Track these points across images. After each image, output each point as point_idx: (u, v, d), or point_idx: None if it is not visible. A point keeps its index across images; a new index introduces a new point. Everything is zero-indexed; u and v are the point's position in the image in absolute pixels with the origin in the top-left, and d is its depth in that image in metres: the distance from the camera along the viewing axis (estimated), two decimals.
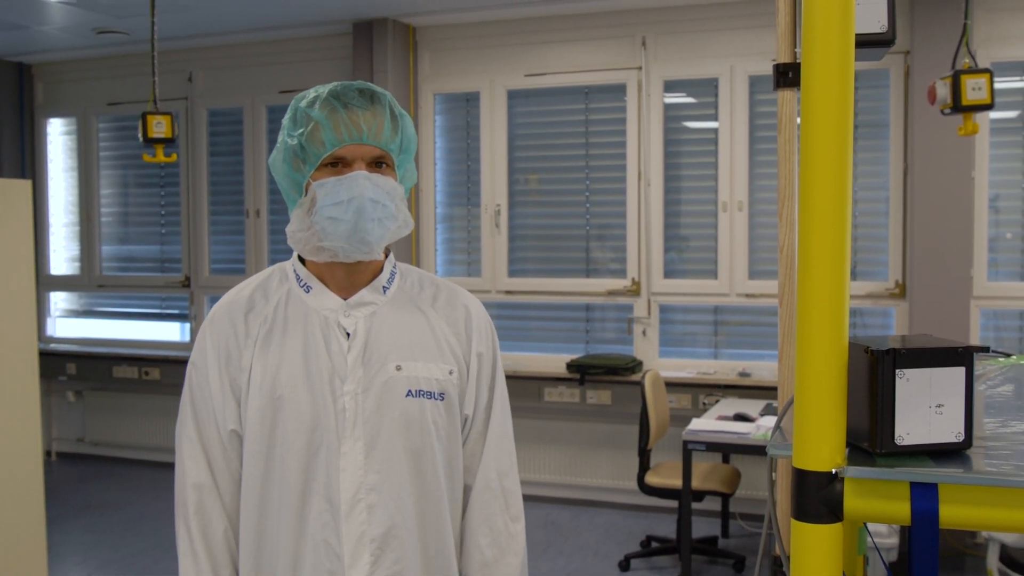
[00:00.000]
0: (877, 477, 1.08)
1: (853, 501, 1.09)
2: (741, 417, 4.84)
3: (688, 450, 4.58)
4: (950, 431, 1.10)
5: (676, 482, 4.74)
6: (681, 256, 5.98)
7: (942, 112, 3.66)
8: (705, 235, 5.88)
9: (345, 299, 1.60)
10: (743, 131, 5.69)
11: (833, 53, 1.06)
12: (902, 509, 1.08)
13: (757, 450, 4.54)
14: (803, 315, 1.09)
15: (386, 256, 1.66)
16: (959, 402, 1.10)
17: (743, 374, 5.67)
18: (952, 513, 1.07)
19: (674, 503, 5.05)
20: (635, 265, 5.95)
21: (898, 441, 1.10)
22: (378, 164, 1.54)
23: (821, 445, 1.09)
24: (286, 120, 1.59)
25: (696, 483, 4.71)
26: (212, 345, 1.60)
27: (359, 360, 1.56)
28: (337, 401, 1.54)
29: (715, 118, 5.79)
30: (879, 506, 1.09)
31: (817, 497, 1.09)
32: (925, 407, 1.10)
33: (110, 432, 7.20)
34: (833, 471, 1.08)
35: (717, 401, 5.50)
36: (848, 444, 1.11)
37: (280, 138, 1.60)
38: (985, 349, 1.18)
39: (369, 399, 1.55)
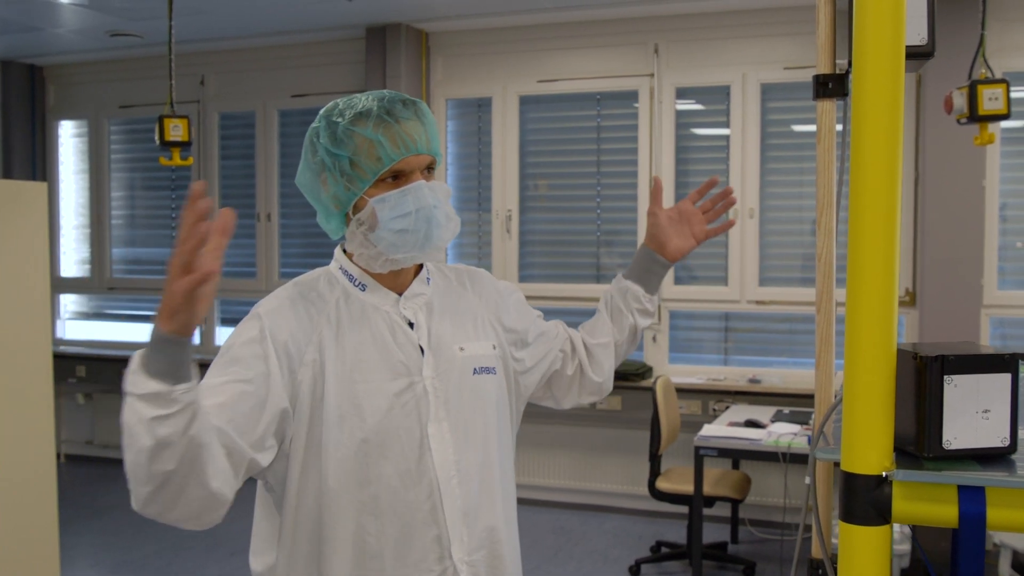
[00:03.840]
0: (925, 480, 1.10)
1: (901, 504, 1.11)
2: (752, 423, 4.86)
3: (700, 456, 4.59)
4: (996, 436, 1.13)
5: (687, 487, 4.75)
6: (690, 263, 6.00)
7: (958, 122, 3.67)
8: (715, 241, 5.89)
9: (399, 294, 1.64)
10: (755, 138, 5.71)
11: (884, 64, 1.08)
12: (949, 512, 1.10)
13: (768, 456, 4.57)
14: (852, 322, 1.11)
15: None
16: (1005, 408, 1.13)
17: (753, 380, 5.69)
18: (999, 516, 1.09)
19: (684, 508, 5.06)
20: None
21: (946, 445, 1.12)
22: (428, 169, 1.59)
23: (870, 449, 1.11)
24: (323, 139, 1.56)
25: (706, 489, 4.73)
26: (272, 330, 1.54)
27: (428, 346, 1.61)
28: (416, 388, 1.58)
29: (727, 125, 5.82)
30: (927, 509, 1.11)
31: (866, 499, 1.11)
32: (972, 412, 1.12)
33: (119, 435, 7.11)
34: (882, 474, 1.11)
35: (727, 407, 5.52)
36: (895, 448, 1.13)
37: (314, 157, 1.58)
38: None
39: (446, 381, 1.61)
